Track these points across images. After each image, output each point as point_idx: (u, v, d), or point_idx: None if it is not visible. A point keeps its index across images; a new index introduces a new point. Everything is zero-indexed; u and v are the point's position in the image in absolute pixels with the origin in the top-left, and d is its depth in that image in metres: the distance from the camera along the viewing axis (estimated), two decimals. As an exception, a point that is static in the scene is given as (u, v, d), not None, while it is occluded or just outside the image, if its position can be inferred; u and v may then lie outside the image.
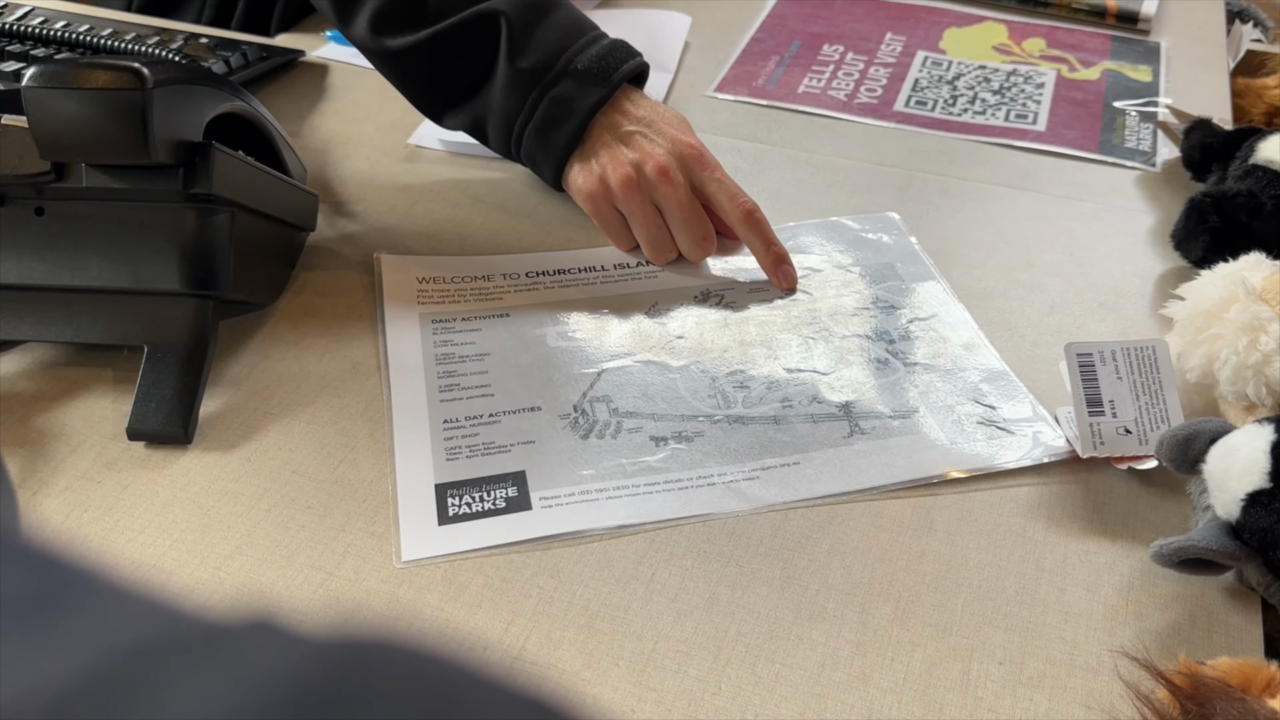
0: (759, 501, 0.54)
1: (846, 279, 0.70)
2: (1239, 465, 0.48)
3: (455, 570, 0.50)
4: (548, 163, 0.71)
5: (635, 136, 0.70)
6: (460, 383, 0.61)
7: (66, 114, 0.51)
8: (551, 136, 0.70)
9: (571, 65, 0.69)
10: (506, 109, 0.70)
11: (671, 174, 0.68)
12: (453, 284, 0.68)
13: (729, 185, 0.69)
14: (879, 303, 0.68)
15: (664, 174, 0.68)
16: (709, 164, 0.69)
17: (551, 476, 0.55)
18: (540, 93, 0.69)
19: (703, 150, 0.70)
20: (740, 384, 0.61)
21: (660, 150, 0.69)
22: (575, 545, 0.52)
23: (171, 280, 0.57)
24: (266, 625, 0.17)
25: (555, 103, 0.69)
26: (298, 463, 0.56)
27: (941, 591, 0.50)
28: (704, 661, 0.47)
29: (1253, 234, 0.67)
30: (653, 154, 0.68)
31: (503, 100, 0.70)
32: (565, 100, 0.69)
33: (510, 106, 0.70)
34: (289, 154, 0.67)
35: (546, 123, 0.70)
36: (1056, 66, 0.96)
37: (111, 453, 0.56)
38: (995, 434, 0.58)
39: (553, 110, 0.69)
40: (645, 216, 0.69)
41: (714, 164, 0.70)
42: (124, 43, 0.81)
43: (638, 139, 0.69)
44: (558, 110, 0.69)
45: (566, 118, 0.69)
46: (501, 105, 0.70)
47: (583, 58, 0.70)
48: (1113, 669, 0.47)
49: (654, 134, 0.70)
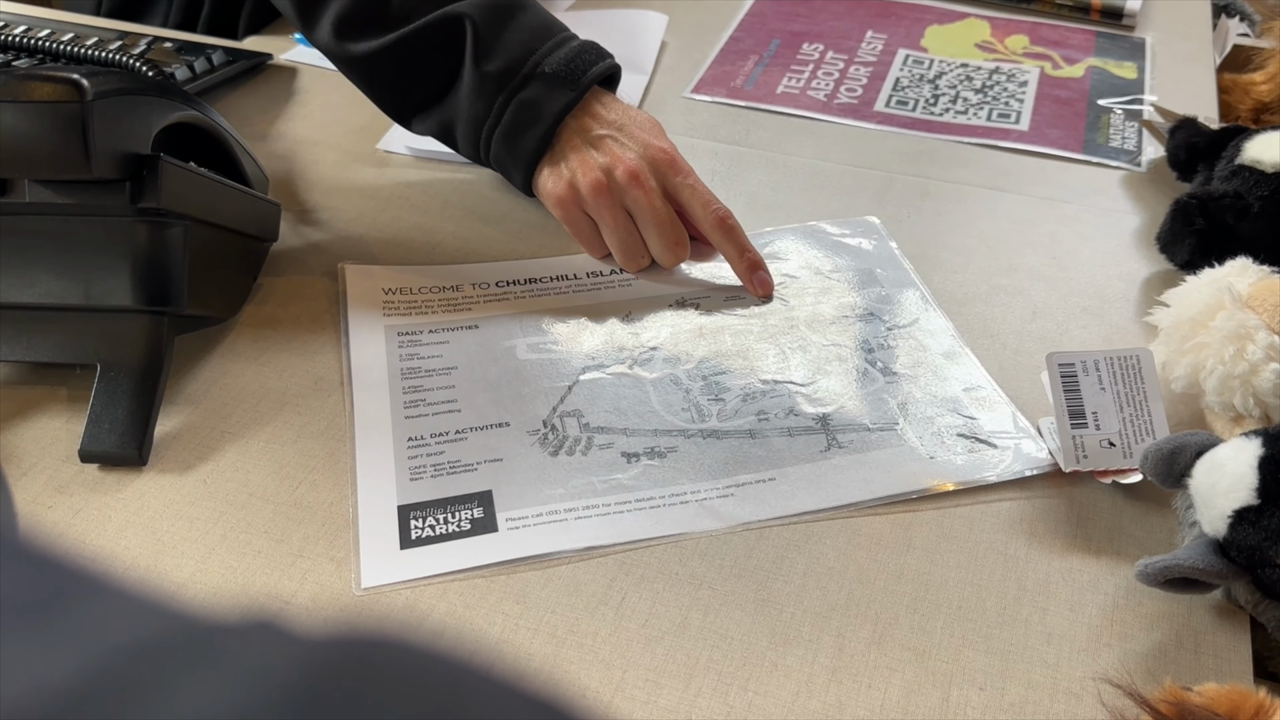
0: (733, 520, 0.53)
1: (825, 286, 0.68)
2: (1226, 481, 0.47)
3: (417, 597, 0.49)
4: (517, 168, 0.69)
5: (606, 140, 0.68)
6: (426, 398, 0.59)
7: (5, 127, 0.49)
8: (520, 141, 0.68)
9: (539, 68, 0.68)
10: (474, 113, 0.69)
11: (643, 178, 0.66)
12: (420, 294, 0.66)
13: (702, 191, 0.68)
14: (858, 310, 0.66)
15: (635, 179, 0.66)
16: (681, 169, 0.68)
17: (519, 496, 0.53)
18: (507, 96, 0.68)
19: (675, 154, 0.68)
20: (715, 396, 0.59)
21: (631, 155, 0.67)
22: (543, 569, 0.50)
23: (124, 296, 0.55)
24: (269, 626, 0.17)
25: (523, 106, 0.67)
26: (255, 484, 0.54)
27: (920, 613, 0.49)
28: (674, 690, 0.45)
29: (1240, 236, 0.65)
30: (623, 158, 0.67)
31: (470, 105, 0.68)
32: (533, 104, 0.67)
33: (477, 111, 0.68)
34: (248, 162, 0.65)
35: (514, 127, 0.68)
36: (1040, 64, 0.95)
37: (64, 475, 0.54)
38: (976, 446, 0.56)
39: (521, 114, 0.68)
40: (616, 222, 0.67)
41: (686, 169, 0.68)
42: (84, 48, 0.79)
43: (608, 143, 0.68)
44: (526, 114, 0.68)
45: (534, 121, 0.68)
46: (469, 110, 0.69)
47: (551, 60, 0.68)
48: (1096, 695, 0.45)
49: (625, 138, 0.68)
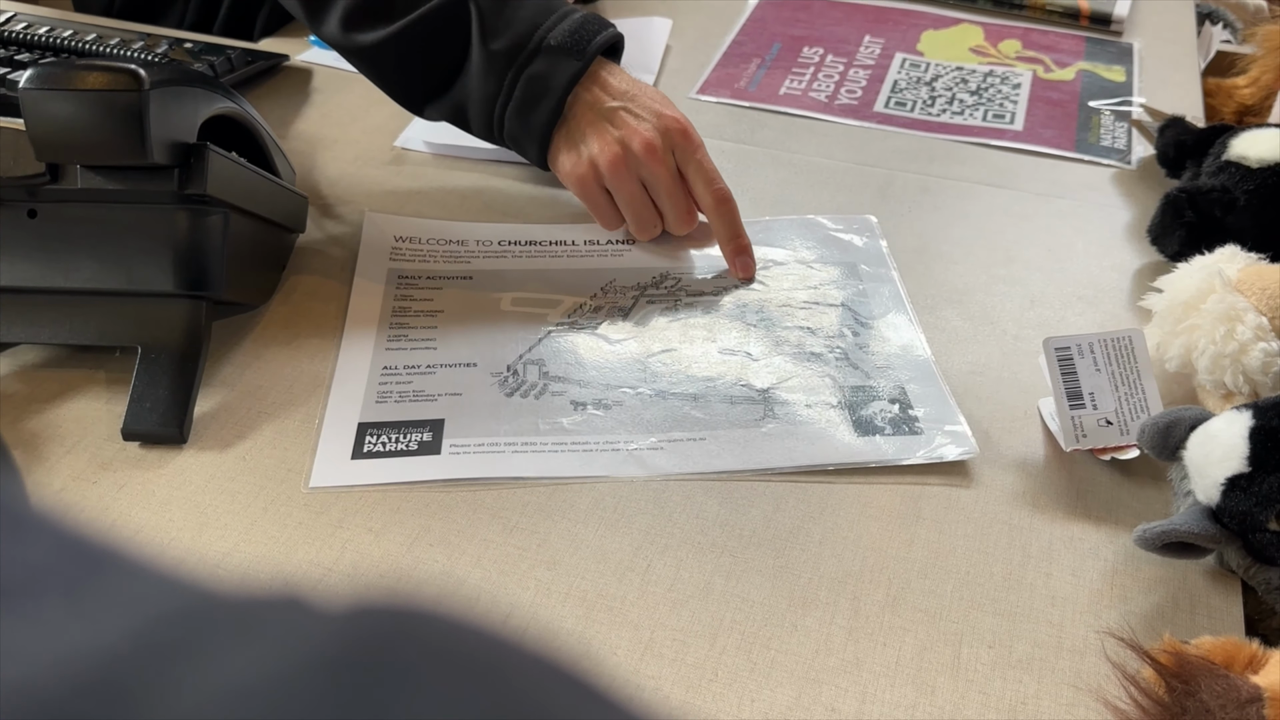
0: (656, 470, 0.56)
1: (805, 274, 0.71)
2: (1218, 451, 0.50)
3: (452, 564, 0.51)
4: (531, 142, 0.71)
5: (620, 113, 0.69)
6: (409, 334, 0.64)
7: (63, 115, 0.51)
8: (531, 116, 0.70)
9: (545, 42, 0.69)
10: (484, 93, 0.70)
11: (659, 151, 0.68)
12: (426, 245, 0.72)
13: (708, 168, 0.70)
14: (830, 300, 0.69)
15: (651, 151, 0.68)
16: (694, 142, 0.70)
17: (468, 427, 0.58)
18: (516, 72, 0.69)
19: (687, 125, 0.70)
20: (671, 362, 0.63)
21: (647, 126, 0.69)
22: (571, 538, 0.52)
23: (165, 281, 0.57)
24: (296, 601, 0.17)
25: (532, 80, 0.69)
26: (293, 461, 0.56)
27: (931, 578, 0.51)
28: (701, 649, 0.48)
29: (1227, 228, 0.68)
30: (639, 130, 0.69)
31: (480, 84, 0.70)
32: (541, 77, 0.69)
33: (488, 90, 0.70)
34: (279, 156, 0.68)
35: (525, 102, 0.69)
36: (1032, 67, 0.98)
37: (107, 453, 0.56)
38: (902, 431, 0.58)
39: (530, 88, 0.69)
40: (632, 195, 0.69)
41: (698, 142, 0.70)
42: (109, 47, 0.81)
43: (622, 115, 0.69)
44: (535, 88, 0.69)
45: (544, 94, 0.69)
46: (479, 89, 0.70)
47: (555, 33, 0.69)
48: (1099, 650, 0.48)
49: (638, 108, 0.70)
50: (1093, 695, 0.46)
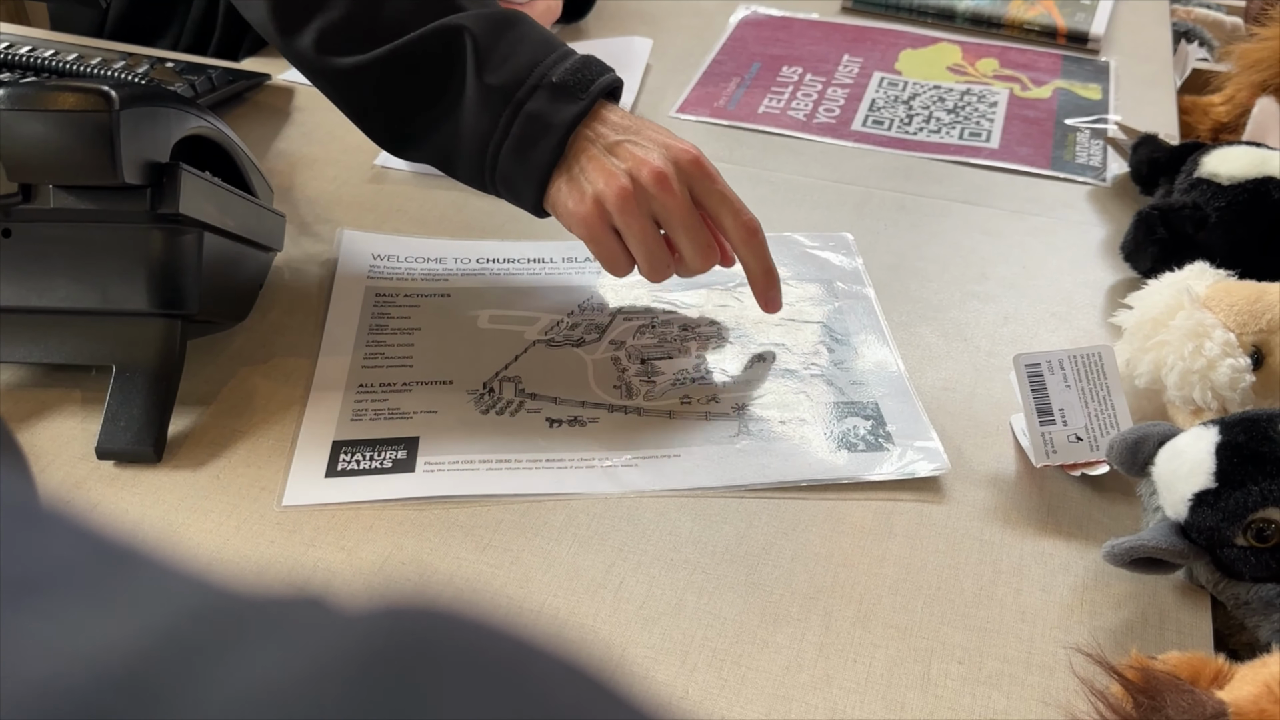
0: (629, 487, 0.56)
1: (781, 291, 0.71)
2: (1186, 466, 0.50)
3: (424, 584, 0.51)
4: (528, 184, 0.63)
5: (624, 145, 0.63)
6: (385, 352, 0.65)
7: (34, 136, 0.51)
8: (530, 154, 0.63)
9: (545, 79, 0.63)
10: (477, 130, 0.63)
11: (670, 181, 0.61)
12: (404, 263, 0.73)
13: (732, 199, 0.63)
14: (805, 317, 0.69)
15: (662, 182, 0.61)
16: (709, 173, 0.63)
17: (443, 445, 0.58)
18: (514, 110, 0.62)
19: (699, 155, 0.63)
20: (648, 378, 0.64)
21: (655, 155, 0.62)
22: (544, 556, 0.53)
23: (139, 300, 0.57)
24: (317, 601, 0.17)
25: (531, 119, 0.62)
26: (267, 480, 0.56)
27: (902, 594, 0.51)
28: (671, 667, 0.48)
29: (1199, 245, 0.69)
30: (647, 160, 0.61)
31: (473, 121, 0.64)
32: (541, 115, 0.62)
33: (481, 127, 0.63)
34: (255, 175, 0.68)
35: (523, 140, 0.63)
36: (1009, 86, 0.99)
37: (80, 472, 0.56)
38: (874, 447, 0.59)
39: (529, 127, 0.62)
40: (644, 231, 0.62)
41: (714, 173, 0.63)
42: (89, 67, 0.81)
43: (626, 146, 0.62)
44: (534, 126, 0.62)
45: (544, 133, 0.62)
46: (472, 127, 0.64)
47: (557, 71, 0.63)
48: (1068, 666, 0.48)
49: (643, 140, 0.63)
50: (1061, 711, 0.46)
